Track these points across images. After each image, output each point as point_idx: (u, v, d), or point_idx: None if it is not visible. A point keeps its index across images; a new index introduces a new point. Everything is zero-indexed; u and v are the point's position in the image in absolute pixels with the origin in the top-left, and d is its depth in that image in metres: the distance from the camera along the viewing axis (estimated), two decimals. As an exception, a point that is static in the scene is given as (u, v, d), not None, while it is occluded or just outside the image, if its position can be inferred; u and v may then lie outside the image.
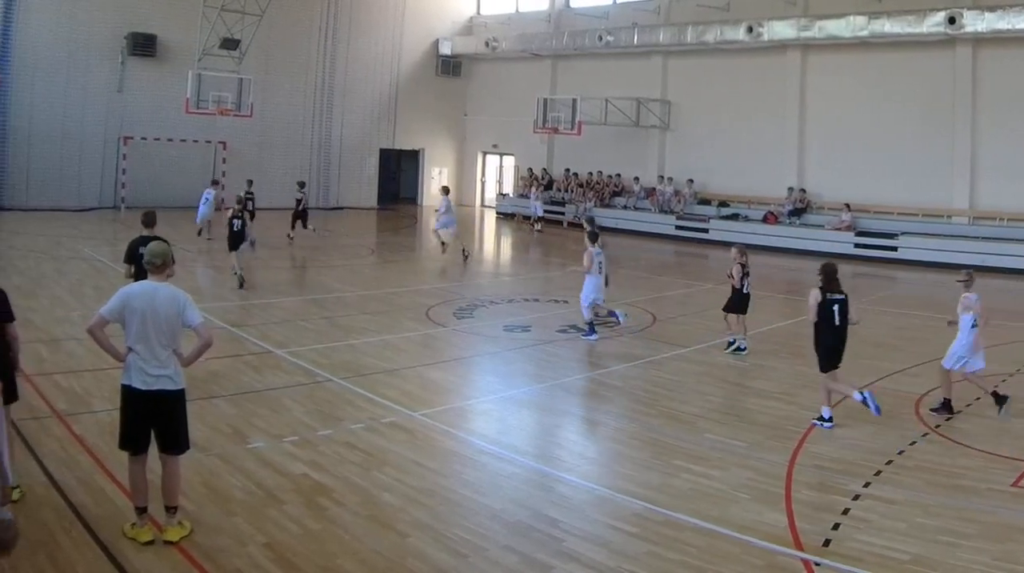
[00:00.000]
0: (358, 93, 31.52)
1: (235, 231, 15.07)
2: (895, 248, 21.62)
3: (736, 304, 11.30)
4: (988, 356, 8.76)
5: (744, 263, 11.24)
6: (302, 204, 21.40)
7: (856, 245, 22.17)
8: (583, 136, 27.04)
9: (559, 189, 30.50)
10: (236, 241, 15.11)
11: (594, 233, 12.36)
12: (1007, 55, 20.55)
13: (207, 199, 20.58)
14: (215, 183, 22.40)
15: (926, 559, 5.44)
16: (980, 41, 20.91)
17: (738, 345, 11.27)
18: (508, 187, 33.38)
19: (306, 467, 6.76)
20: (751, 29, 24.33)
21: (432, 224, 21.27)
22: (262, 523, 5.71)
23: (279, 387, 9.00)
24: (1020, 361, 11.05)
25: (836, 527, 5.91)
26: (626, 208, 27.98)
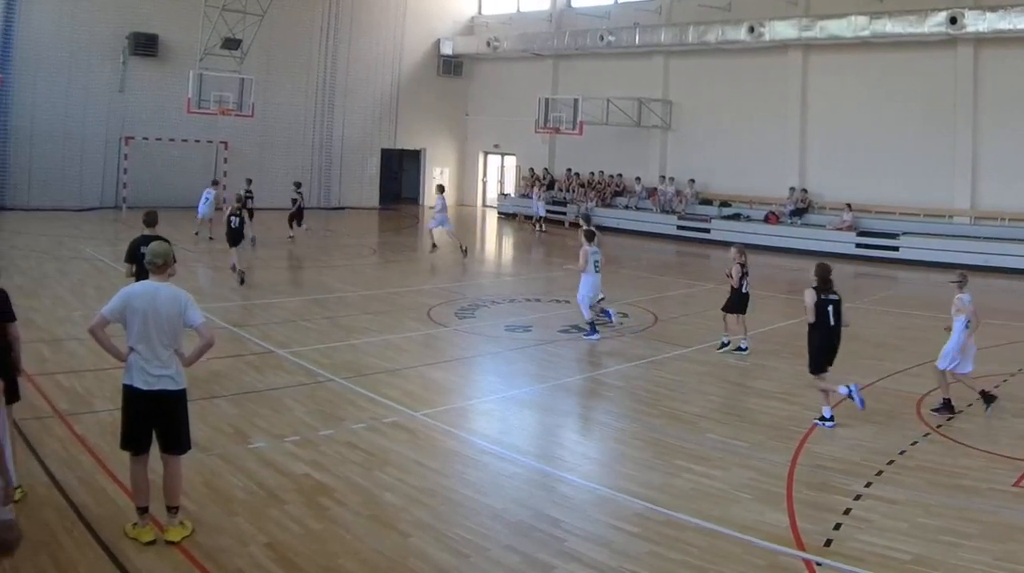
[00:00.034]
0: (359, 93, 31.52)
1: (233, 228, 15.32)
2: (896, 248, 21.61)
3: (735, 304, 11.30)
4: (989, 356, 8.79)
5: (743, 263, 11.24)
6: (298, 204, 21.49)
7: (857, 245, 22.16)
8: (584, 136, 27.02)
9: (561, 189, 30.49)
10: (235, 238, 15.31)
11: (591, 231, 12.34)
12: (1008, 55, 20.52)
13: (207, 199, 20.66)
14: (215, 183, 22.45)
15: (927, 559, 5.44)
16: (981, 41, 20.88)
17: (738, 345, 11.28)
18: (509, 187, 33.39)
19: (308, 467, 6.76)
20: (752, 29, 24.30)
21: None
22: (263, 523, 5.71)
23: (281, 387, 9.01)
24: (1021, 361, 11.02)
25: (838, 527, 5.91)
26: (628, 208, 27.96)
